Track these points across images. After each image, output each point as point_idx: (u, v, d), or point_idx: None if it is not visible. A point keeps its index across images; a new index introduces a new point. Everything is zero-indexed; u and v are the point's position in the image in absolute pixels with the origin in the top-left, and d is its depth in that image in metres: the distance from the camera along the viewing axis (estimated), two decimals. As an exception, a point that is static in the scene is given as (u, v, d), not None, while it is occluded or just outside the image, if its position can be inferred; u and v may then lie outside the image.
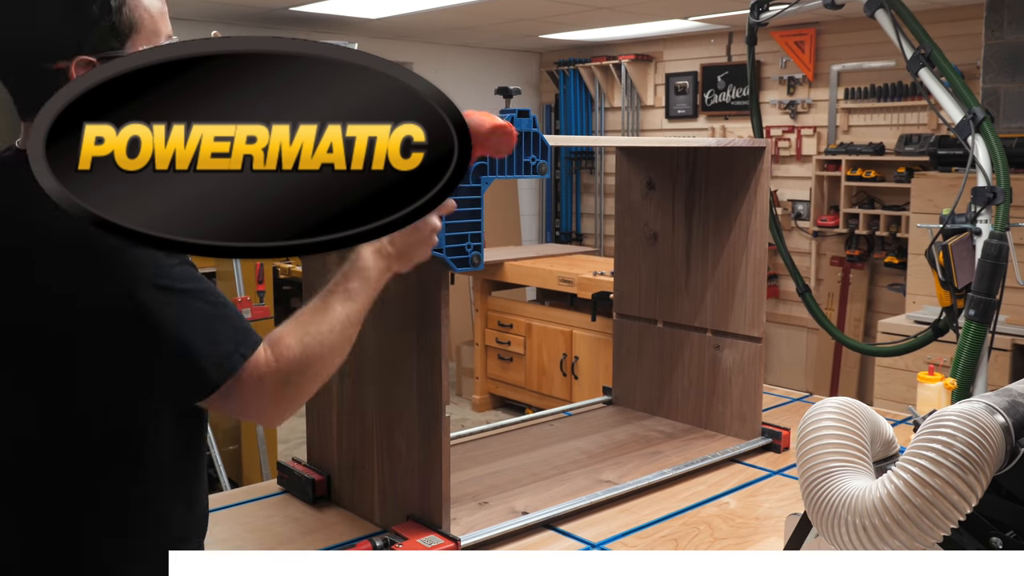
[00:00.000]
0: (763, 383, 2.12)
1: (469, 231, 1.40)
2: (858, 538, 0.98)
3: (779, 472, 1.95)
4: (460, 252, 1.40)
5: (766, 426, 2.09)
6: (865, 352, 3.03)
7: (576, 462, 1.95)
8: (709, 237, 2.12)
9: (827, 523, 1.02)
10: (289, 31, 6.07)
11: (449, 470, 1.49)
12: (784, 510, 1.74)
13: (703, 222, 2.13)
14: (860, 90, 5.55)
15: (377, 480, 1.62)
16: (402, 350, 1.54)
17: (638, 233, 2.26)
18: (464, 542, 1.49)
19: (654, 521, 1.69)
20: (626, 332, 2.32)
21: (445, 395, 1.46)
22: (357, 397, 1.65)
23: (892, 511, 0.95)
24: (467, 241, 1.40)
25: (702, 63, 6.43)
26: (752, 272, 2.06)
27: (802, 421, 1.13)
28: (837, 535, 1.01)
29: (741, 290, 2.08)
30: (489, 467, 1.89)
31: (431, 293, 1.46)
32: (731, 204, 2.07)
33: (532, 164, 1.48)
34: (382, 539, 1.45)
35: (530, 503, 1.70)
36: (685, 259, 2.18)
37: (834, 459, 1.07)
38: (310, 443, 1.80)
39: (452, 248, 1.39)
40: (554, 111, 7.46)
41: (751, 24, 3.10)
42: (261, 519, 1.67)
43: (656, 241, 2.23)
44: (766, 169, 2.02)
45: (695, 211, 2.14)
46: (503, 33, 6.42)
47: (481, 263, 1.41)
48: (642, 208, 2.25)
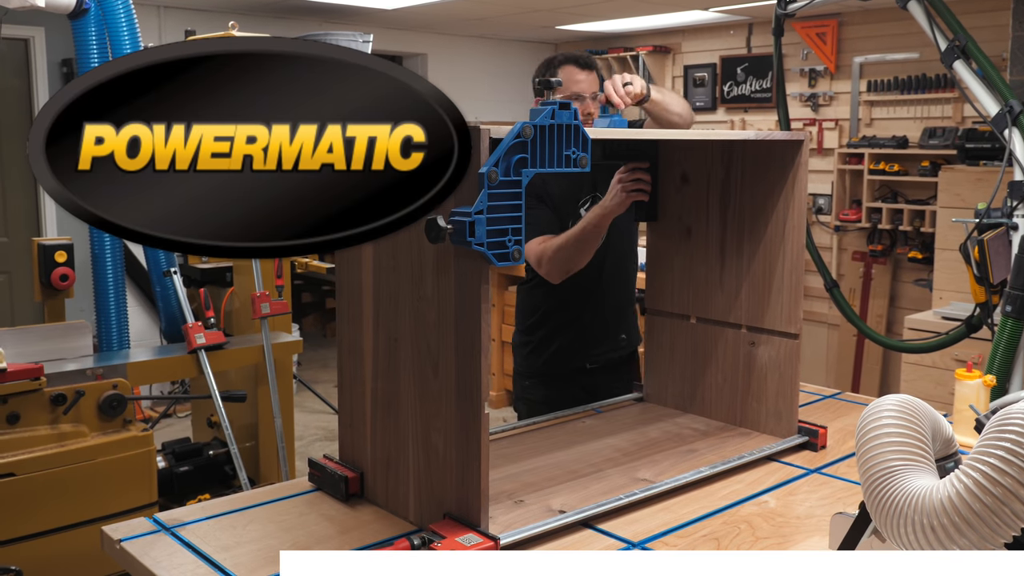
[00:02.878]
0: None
1: (510, 225, 1.37)
2: (925, 538, 0.98)
3: (817, 471, 1.92)
4: (501, 246, 1.37)
5: (803, 424, 2.06)
6: (896, 349, 3.00)
7: (611, 460, 1.92)
8: (745, 232, 2.09)
9: (892, 522, 1.01)
10: (304, 21, 6.05)
11: (488, 468, 1.47)
12: (825, 509, 1.71)
13: (738, 216, 2.10)
14: (883, 82, 5.48)
15: (413, 477, 1.60)
16: (440, 346, 1.51)
17: (670, 228, 2.23)
18: (503, 541, 1.46)
19: (693, 520, 1.66)
20: (657, 328, 2.30)
21: (484, 392, 1.44)
22: (392, 394, 1.63)
23: (962, 510, 0.94)
24: (508, 235, 1.38)
25: (721, 55, 6.37)
26: (789, 267, 2.03)
27: (861, 419, 1.12)
28: (902, 534, 1.00)
29: (778, 286, 2.05)
30: (523, 465, 1.86)
31: (471, 288, 1.44)
32: (768, 198, 2.04)
33: (572, 157, 1.46)
34: (420, 537, 1.43)
35: (567, 501, 1.67)
36: (719, 254, 2.15)
37: (897, 458, 1.07)
38: (342, 440, 1.77)
39: (493, 242, 1.36)
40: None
41: (778, 15, 3.06)
42: (294, 517, 1.64)
43: (690, 236, 2.20)
44: (804, 162, 1.98)
45: (730, 205, 2.12)
46: (518, 24, 6.38)
47: (521, 257, 1.38)
48: (675, 202, 2.22)
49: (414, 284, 1.55)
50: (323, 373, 6.39)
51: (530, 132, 1.40)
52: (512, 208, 1.37)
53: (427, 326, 1.53)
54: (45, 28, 5.28)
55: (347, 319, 1.73)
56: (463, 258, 1.43)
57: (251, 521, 1.63)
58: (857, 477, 1.85)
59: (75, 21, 3.37)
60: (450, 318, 1.48)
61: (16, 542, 2.72)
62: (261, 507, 1.69)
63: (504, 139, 1.37)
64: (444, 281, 1.48)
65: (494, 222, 1.35)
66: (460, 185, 1.17)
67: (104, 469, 2.87)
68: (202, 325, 3.46)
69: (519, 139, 1.39)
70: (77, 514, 2.83)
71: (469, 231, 1.32)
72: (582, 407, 2.29)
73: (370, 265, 1.64)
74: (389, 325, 1.62)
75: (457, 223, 1.32)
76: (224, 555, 1.47)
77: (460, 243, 1.34)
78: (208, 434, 3.76)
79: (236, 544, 1.52)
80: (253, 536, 1.56)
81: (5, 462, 2.68)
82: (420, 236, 1.49)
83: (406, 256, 1.56)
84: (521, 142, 1.39)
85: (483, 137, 1.33)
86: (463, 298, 1.45)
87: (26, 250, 5.27)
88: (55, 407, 2.80)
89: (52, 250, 3.42)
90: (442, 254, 1.48)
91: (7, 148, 5.35)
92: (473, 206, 1.31)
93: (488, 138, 1.35)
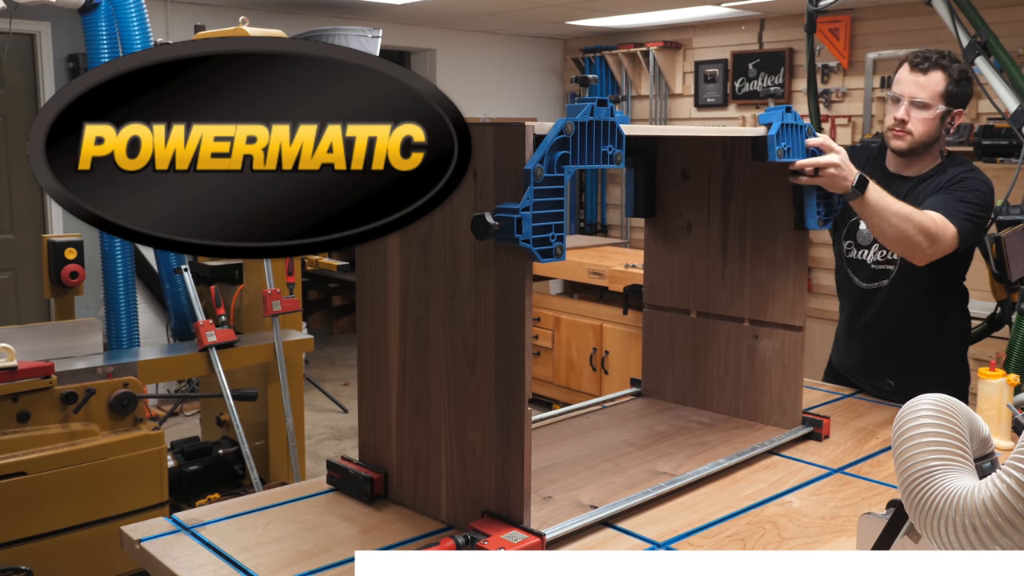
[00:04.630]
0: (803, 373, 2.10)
1: (553, 221, 1.38)
2: (967, 538, 0.97)
3: (839, 470, 1.91)
4: (545, 243, 1.38)
5: (806, 415, 2.09)
6: None
7: (626, 454, 1.93)
8: (748, 226, 2.11)
9: (932, 522, 1.01)
10: (314, 16, 6.03)
11: (531, 465, 1.47)
12: (849, 510, 1.70)
13: (741, 211, 2.12)
14: (896, 79, 5.45)
15: (445, 476, 1.59)
16: (478, 344, 1.51)
17: (670, 223, 2.24)
18: (548, 537, 1.47)
19: (717, 520, 1.65)
20: (656, 323, 2.31)
21: (528, 389, 1.43)
22: (422, 393, 1.62)
23: (1004, 511, 0.94)
24: (551, 232, 1.38)
25: (733, 50, 6.34)
26: (793, 261, 2.05)
27: (898, 419, 1.12)
28: (943, 535, 1.00)
29: (782, 279, 2.06)
30: (539, 460, 1.86)
31: (514, 284, 1.43)
32: (771, 193, 2.04)
33: (609, 153, 1.47)
34: (463, 536, 1.42)
35: (595, 496, 1.68)
36: (721, 249, 2.16)
37: (936, 458, 1.05)
38: (363, 441, 1.76)
39: (538, 239, 1.36)
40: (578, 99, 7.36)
41: (810, 12, 3.07)
42: (315, 517, 1.63)
43: (690, 231, 2.21)
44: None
45: (732, 200, 2.13)
46: (528, 19, 6.36)
47: (563, 254, 1.38)
48: (674, 197, 2.23)
49: (448, 282, 1.54)
50: (330, 371, 6.38)
51: (571, 129, 1.41)
52: (555, 204, 1.38)
53: (463, 324, 1.52)
54: (52, 23, 5.27)
55: (370, 317, 1.71)
56: (505, 254, 1.43)
57: (271, 521, 1.61)
58: (880, 477, 1.86)
59: (85, 16, 3.36)
60: (490, 315, 1.48)
61: (26, 542, 2.71)
62: (280, 507, 1.68)
63: (547, 135, 1.38)
64: (483, 278, 1.48)
65: (539, 218, 1.36)
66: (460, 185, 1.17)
67: (115, 468, 2.86)
68: (213, 323, 3.44)
69: (562, 135, 1.40)
70: (87, 513, 2.82)
71: (516, 227, 1.33)
72: (584, 403, 2.29)
73: (397, 263, 1.63)
74: (419, 323, 1.61)
75: (503, 219, 1.33)
76: (246, 555, 1.46)
77: (506, 239, 1.35)
78: (217, 433, 3.75)
79: (257, 544, 1.51)
80: (274, 536, 1.54)
81: (15, 461, 2.66)
82: (454, 233, 1.51)
83: (439, 253, 1.55)
84: (563, 138, 1.40)
85: (527, 134, 1.36)
86: (505, 295, 1.45)
87: (32, 247, 5.28)
88: (65, 405, 2.79)
89: (62, 247, 3.40)
90: (480, 251, 1.47)
91: (13, 144, 5.33)
92: (520, 202, 1.32)
93: (532, 135, 1.37)
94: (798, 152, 1.90)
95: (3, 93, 5.32)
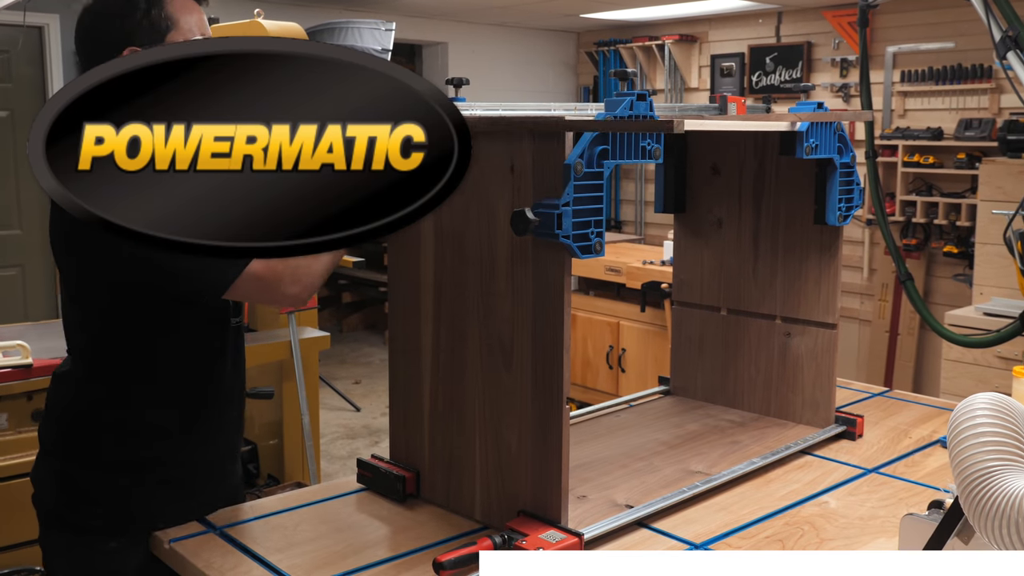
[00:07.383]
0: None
1: (592, 217, 1.37)
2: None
3: (875, 470, 1.88)
4: (584, 239, 1.36)
5: (839, 413, 2.07)
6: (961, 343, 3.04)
7: (658, 453, 1.91)
8: (780, 222, 2.09)
9: (992, 524, 1.00)
10: (326, 9, 6.01)
11: (568, 464, 1.45)
12: (887, 510, 1.68)
13: (773, 207, 2.09)
14: (916, 72, 5.39)
15: (480, 475, 1.57)
16: (515, 341, 1.49)
17: (700, 219, 2.22)
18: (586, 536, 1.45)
19: (755, 521, 1.63)
20: (686, 321, 2.28)
21: (567, 387, 1.42)
22: (456, 391, 1.60)
23: None
24: (591, 227, 1.37)
25: (750, 44, 6.29)
26: (827, 258, 2.03)
27: (953, 419, 1.10)
28: (1003, 536, 0.99)
29: (815, 276, 2.04)
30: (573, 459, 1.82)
31: (553, 281, 1.42)
32: (804, 187, 2.01)
33: (648, 148, 1.45)
34: (501, 536, 1.41)
35: (630, 496, 1.66)
36: (753, 245, 2.14)
37: (994, 458, 1.04)
38: (395, 440, 1.74)
39: (577, 235, 1.35)
40: (592, 93, 7.33)
41: (862, 7, 3.09)
42: (345, 517, 1.61)
43: (721, 227, 2.19)
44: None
45: (764, 195, 2.11)
46: (541, 12, 6.32)
47: (603, 250, 1.37)
48: (705, 193, 2.21)
49: (483, 278, 1.53)
50: (340, 369, 6.36)
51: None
52: (595, 200, 1.37)
53: (500, 321, 1.51)
54: (60, 16, 5.23)
55: (401, 315, 1.69)
56: (544, 250, 1.42)
57: (301, 522, 1.59)
58: (916, 477, 1.83)
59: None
60: (527, 312, 1.47)
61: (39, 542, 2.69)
62: (309, 507, 1.66)
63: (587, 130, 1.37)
64: (520, 274, 1.47)
65: (578, 214, 1.35)
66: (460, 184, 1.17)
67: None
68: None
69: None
70: (104, 511, 2.80)
71: (557, 223, 1.32)
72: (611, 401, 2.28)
73: (431, 259, 1.62)
74: (453, 319, 1.59)
75: (544, 215, 1.32)
76: (279, 557, 1.44)
77: (546, 236, 1.34)
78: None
79: (289, 546, 1.49)
80: (306, 537, 1.53)
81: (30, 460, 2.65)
82: (490, 230, 1.49)
83: (475, 250, 1.54)
84: (603, 133, 1.38)
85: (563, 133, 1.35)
86: (544, 292, 1.44)
87: (39, 243, 5.25)
88: (81, 403, 2.77)
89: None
90: (517, 248, 1.46)
91: (21, 139, 5.29)
92: (560, 198, 1.31)
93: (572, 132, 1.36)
94: (827, 148, 1.87)
95: (11, 87, 5.28)
